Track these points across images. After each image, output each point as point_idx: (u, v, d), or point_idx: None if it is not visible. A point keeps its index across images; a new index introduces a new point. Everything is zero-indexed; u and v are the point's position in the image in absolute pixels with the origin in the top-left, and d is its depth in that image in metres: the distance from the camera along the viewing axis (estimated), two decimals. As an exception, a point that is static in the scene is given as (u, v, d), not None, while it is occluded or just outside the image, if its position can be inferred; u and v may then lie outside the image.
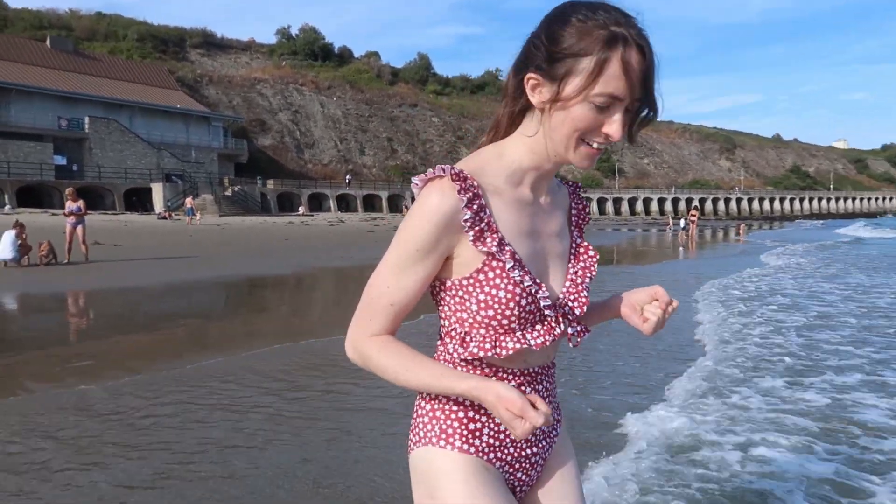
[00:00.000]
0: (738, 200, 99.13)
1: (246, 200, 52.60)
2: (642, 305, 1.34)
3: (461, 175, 1.16)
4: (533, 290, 1.18)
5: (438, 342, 1.29)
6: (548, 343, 1.22)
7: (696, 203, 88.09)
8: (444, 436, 1.24)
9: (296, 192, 60.61)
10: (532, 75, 1.16)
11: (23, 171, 44.11)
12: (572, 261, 1.32)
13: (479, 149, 1.29)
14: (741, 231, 41.33)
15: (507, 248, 1.17)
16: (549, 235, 1.28)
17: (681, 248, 26.16)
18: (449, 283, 1.21)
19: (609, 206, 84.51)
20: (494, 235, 1.17)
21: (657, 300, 1.33)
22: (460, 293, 1.20)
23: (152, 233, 25.73)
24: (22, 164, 44.61)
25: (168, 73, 69.50)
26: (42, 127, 48.76)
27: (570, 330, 1.27)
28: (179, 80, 70.02)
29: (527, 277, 1.18)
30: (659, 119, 1.19)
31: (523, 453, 1.30)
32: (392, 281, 1.19)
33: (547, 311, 1.21)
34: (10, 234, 13.62)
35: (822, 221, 75.33)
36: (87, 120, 50.65)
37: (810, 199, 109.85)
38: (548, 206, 1.30)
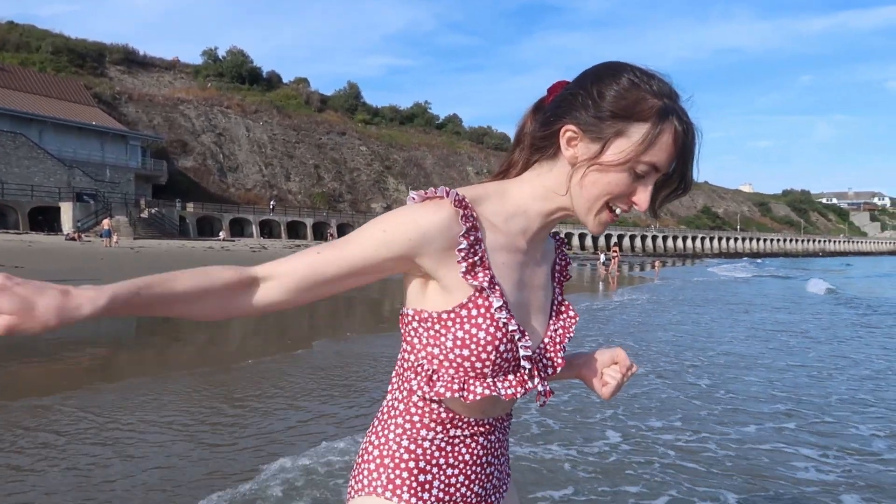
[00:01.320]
0: (654, 238, 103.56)
1: (163, 223, 50.69)
2: (602, 369, 1.31)
3: (463, 203, 1.09)
4: (516, 337, 1.11)
5: (394, 376, 1.21)
6: (518, 395, 1.15)
7: (615, 239, 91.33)
8: (391, 486, 1.15)
9: (217, 217, 58.90)
10: (572, 128, 1.09)
11: (-85, 184, 41.02)
12: (553, 318, 1.26)
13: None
14: (657, 268, 43.08)
15: (497, 287, 1.10)
16: (535, 287, 1.21)
17: (600, 284, 26.89)
18: (426, 314, 1.12)
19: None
20: (486, 272, 1.09)
21: (617, 363, 1.30)
22: (437, 326, 1.11)
23: (59, 255, 24.33)
24: (-85, 177, 41.48)
25: (84, 89, 66.60)
26: (-60, 138, 45.65)
27: (539, 387, 1.19)
28: (96, 97, 67.24)
29: (512, 322, 1.10)
30: None
31: None
32: (336, 246, 1.08)
33: (524, 363, 1.14)
34: None
35: (727, 260, 79.75)
36: (-9, 133, 47.79)
37: (719, 239, 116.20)
38: (537, 256, 1.23)
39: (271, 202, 68.29)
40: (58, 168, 50.98)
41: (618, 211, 1.12)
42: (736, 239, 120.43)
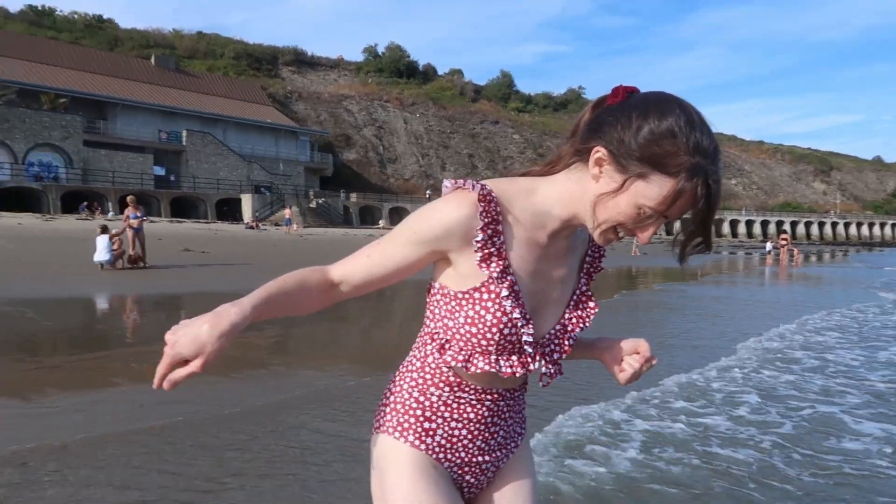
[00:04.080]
0: (834, 224, 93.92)
1: (329, 213, 54.09)
2: (623, 356, 1.37)
3: (487, 197, 1.19)
4: (519, 325, 1.21)
5: (418, 338, 1.36)
6: (517, 374, 1.25)
7: (786, 226, 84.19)
8: (399, 428, 1.31)
9: (377, 206, 61.86)
10: (602, 151, 1.13)
11: (126, 179, 47.04)
12: (570, 307, 1.33)
13: (525, 174, 1.30)
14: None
15: (508, 277, 1.20)
16: (553, 279, 1.29)
17: (766, 272, 24.95)
18: (447, 291, 1.25)
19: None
20: (500, 262, 1.19)
21: (638, 353, 1.36)
22: (453, 303, 1.24)
23: (240, 241, 26.83)
24: (125, 174, 47.58)
25: (260, 90, 72.66)
26: (144, 139, 51.95)
27: (543, 369, 1.29)
28: (271, 96, 73.05)
29: (517, 310, 1.20)
30: (749, 139, 1.15)
31: (474, 459, 1.34)
32: (381, 247, 1.24)
33: (527, 347, 1.24)
34: (104, 239, 14.52)
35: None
36: (184, 133, 53.60)
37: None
38: (561, 251, 1.30)
39: (427, 191, 70.50)
40: (239, 163, 56.17)
41: (621, 234, 1.18)
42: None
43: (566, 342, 1.30)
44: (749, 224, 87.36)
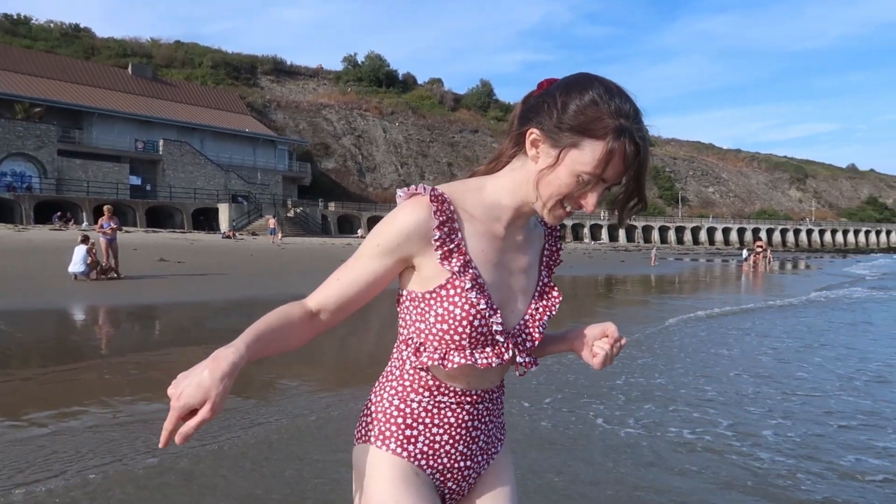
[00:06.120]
0: (809, 232, 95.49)
1: (307, 222, 53.88)
2: (593, 341, 1.40)
3: (439, 198, 1.25)
4: (487, 314, 1.25)
5: (394, 348, 1.39)
6: (493, 365, 1.28)
7: (762, 233, 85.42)
8: (381, 437, 1.33)
9: (356, 215, 61.75)
10: (535, 132, 1.22)
11: (101, 189, 46.50)
12: (536, 298, 1.37)
13: (472, 176, 1.37)
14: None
15: (470, 270, 1.25)
16: (516, 270, 1.34)
17: (742, 280, 25.32)
18: (414, 294, 1.29)
19: (671, 235, 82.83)
20: (461, 257, 1.24)
21: (607, 336, 1.39)
22: (422, 305, 1.28)
23: (216, 251, 26.62)
24: (101, 184, 47.04)
25: (239, 99, 72.32)
26: (120, 149, 51.42)
27: (518, 359, 1.32)
28: (249, 106, 72.75)
29: (483, 301, 1.24)
30: (726, 147, 1.21)
31: (456, 465, 1.36)
32: (349, 267, 1.28)
33: (498, 337, 1.28)
34: (81, 249, 14.36)
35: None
36: (161, 142, 53.18)
37: (888, 232, 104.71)
38: (519, 243, 1.36)
39: (407, 200, 70.49)
40: (216, 172, 55.79)
41: (568, 208, 1.24)
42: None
43: (536, 331, 1.35)
44: (726, 232, 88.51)
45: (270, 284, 15.63)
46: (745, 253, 38.22)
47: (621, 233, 77.62)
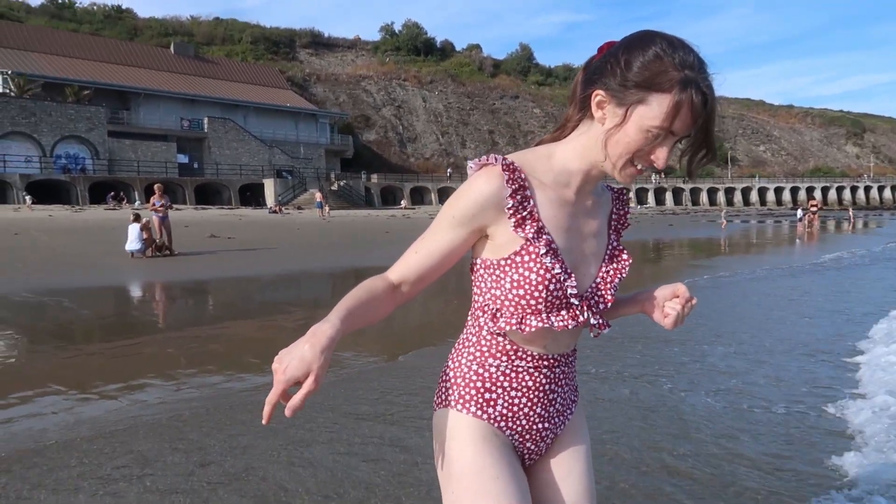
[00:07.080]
0: (867, 189, 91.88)
1: (351, 195, 54.33)
2: (664, 302, 1.44)
3: (511, 167, 1.27)
4: (562, 279, 1.28)
5: (469, 315, 1.42)
6: (569, 327, 1.32)
7: (817, 192, 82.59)
8: (461, 401, 1.37)
9: (398, 186, 61.94)
10: (601, 93, 1.23)
11: (151, 168, 47.68)
12: (606, 261, 1.41)
13: (538, 144, 1.39)
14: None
15: (544, 236, 1.28)
16: (586, 235, 1.37)
17: (797, 241, 24.56)
18: (489, 262, 1.32)
19: (720, 197, 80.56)
20: (534, 224, 1.27)
21: (678, 297, 1.43)
22: (497, 272, 1.31)
23: (263, 226, 27.08)
24: (150, 163, 48.22)
25: (279, 74, 72.80)
26: (167, 128, 52.53)
27: (592, 320, 1.36)
28: (289, 80, 73.18)
29: (557, 265, 1.28)
30: (777, 103, 1.17)
31: (535, 426, 1.40)
32: (426, 239, 1.32)
33: (573, 300, 1.31)
34: (135, 228, 14.76)
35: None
36: (206, 120, 54.10)
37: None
38: (589, 207, 1.39)
39: (448, 170, 70.31)
40: (260, 148, 56.56)
41: (639, 166, 1.26)
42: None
43: (608, 293, 1.38)
44: (778, 191, 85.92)
45: (320, 257, 15.84)
46: (799, 212, 36.95)
47: (668, 196, 76.03)
